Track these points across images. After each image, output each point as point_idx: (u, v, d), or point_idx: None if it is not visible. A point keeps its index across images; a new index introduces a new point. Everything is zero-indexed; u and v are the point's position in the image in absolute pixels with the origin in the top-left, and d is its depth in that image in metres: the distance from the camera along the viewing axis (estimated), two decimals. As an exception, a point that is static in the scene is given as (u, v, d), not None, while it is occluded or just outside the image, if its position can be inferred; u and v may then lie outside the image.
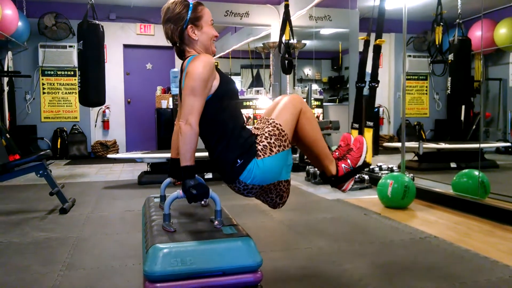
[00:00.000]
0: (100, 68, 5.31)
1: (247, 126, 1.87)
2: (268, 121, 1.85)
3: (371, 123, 2.31)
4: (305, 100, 6.51)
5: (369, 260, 2.46)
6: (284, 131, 1.82)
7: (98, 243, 2.84)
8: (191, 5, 1.82)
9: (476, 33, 6.06)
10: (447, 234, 2.88)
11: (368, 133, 2.26)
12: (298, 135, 1.95)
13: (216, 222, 1.69)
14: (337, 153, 2.13)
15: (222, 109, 1.76)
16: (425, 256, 2.51)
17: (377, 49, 2.45)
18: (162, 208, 1.95)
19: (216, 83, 1.74)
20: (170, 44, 1.90)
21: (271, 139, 1.79)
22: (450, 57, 5.40)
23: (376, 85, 2.43)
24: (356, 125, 2.42)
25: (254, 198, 1.95)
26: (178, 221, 1.80)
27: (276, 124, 1.83)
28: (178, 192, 1.65)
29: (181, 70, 1.83)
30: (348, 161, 2.04)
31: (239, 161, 1.75)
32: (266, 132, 1.81)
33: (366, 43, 2.55)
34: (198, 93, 1.64)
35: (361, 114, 2.49)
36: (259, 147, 1.78)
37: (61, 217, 3.51)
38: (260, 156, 1.76)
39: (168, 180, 2.08)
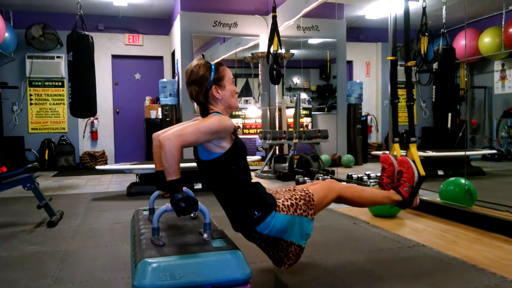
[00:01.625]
0: (91, 78, 5.31)
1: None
2: (303, 189, 2.03)
3: (414, 138, 2.53)
4: (293, 109, 6.55)
5: (359, 268, 2.47)
6: (313, 202, 1.99)
7: (87, 256, 2.82)
8: (213, 67, 1.91)
9: (461, 42, 6.16)
10: (434, 242, 2.91)
11: (413, 148, 2.47)
12: (353, 204, 2.22)
13: (205, 235, 1.70)
14: (385, 176, 2.37)
15: (232, 167, 1.87)
16: (413, 264, 2.53)
17: (408, 70, 2.68)
18: (151, 221, 1.95)
19: (227, 144, 1.84)
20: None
21: (299, 201, 1.96)
22: (435, 66, 5.48)
23: (413, 103, 2.67)
24: (397, 139, 2.65)
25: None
26: (167, 234, 1.80)
27: (309, 193, 2.01)
28: (167, 205, 1.66)
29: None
30: (406, 183, 2.29)
31: (256, 213, 1.87)
32: (298, 195, 1.98)
33: (394, 62, 2.80)
34: (197, 133, 1.71)
35: (397, 128, 2.77)
36: (286, 203, 1.93)
37: (49, 230, 3.48)
38: (283, 211, 1.90)
39: (156, 192, 2.09)
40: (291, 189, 2.04)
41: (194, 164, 5.06)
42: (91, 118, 8.16)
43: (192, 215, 2.09)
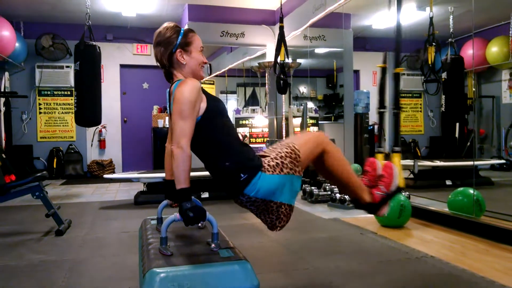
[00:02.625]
0: (97, 88, 5.34)
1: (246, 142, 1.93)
2: (288, 145, 1.89)
3: (398, 148, 2.41)
4: (300, 118, 6.56)
5: (366, 280, 2.46)
6: (300, 158, 1.87)
7: (95, 266, 2.83)
8: (182, 31, 1.89)
9: (468, 52, 6.15)
10: (443, 254, 2.89)
11: (397, 158, 2.35)
12: (328, 172, 2.01)
13: (213, 245, 1.70)
14: (366, 179, 2.21)
15: (213, 128, 1.81)
16: (422, 276, 2.51)
17: (396, 77, 2.59)
18: (159, 230, 1.95)
19: (203, 105, 1.79)
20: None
21: (285, 159, 1.84)
22: (444, 75, 5.47)
23: (398, 111, 2.56)
24: (381, 149, 2.53)
25: (250, 218, 1.97)
26: (175, 244, 1.81)
27: (295, 149, 1.87)
28: (175, 215, 1.66)
29: (169, 94, 1.90)
30: (382, 187, 2.11)
31: (242, 175, 1.78)
32: (283, 152, 1.85)
33: (384, 70, 2.72)
34: (187, 116, 1.69)
35: (382, 138, 2.65)
36: (272, 163, 1.82)
37: (57, 239, 3.50)
38: (269, 171, 1.81)
39: (165, 202, 2.09)
40: (277, 146, 1.91)
41: (201, 173, 5.06)
42: (99, 127, 8.21)
43: (200, 224, 2.09)
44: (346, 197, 4.51)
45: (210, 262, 1.56)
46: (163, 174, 5.15)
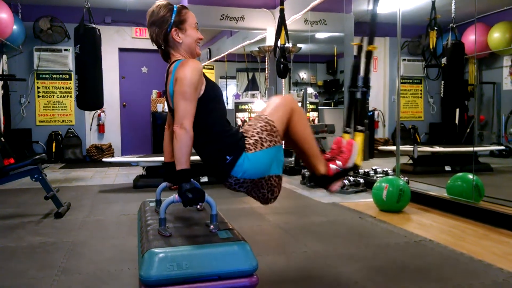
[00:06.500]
0: (98, 71, 5.30)
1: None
2: (261, 117, 1.88)
3: (362, 128, 2.31)
4: (300, 103, 6.54)
5: (365, 263, 2.47)
6: (275, 127, 1.85)
7: (94, 248, 2.83)
8: (175, 9, 1.85)
9: (470, 37, 6.10)
10: (441, 238, 2.90)
11: (359, 137, 2.26)
12: (289, 133, 1.96)
13: (212, 227, 1.70)
14: (328, 156, 2.16)
15: (208, 112, 1.80)
16: (420, 259, 2.52)
17: (369, 55, 2.46)
18: (157, 212, 1.95)
19: (203, 87, 1.77)
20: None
21: (262, 134, 1.82)
22: (444, 61, 5.43)
23: (367, 90, 2.44)
24: (348, 129, 2.44)
25: (250, 201, 1.97)
26: (174, 225, 1.80)
27: (269, 120, 1.86)
28: (174, 196, 1.66)
29: (167, 73, 1.85)
30: (338, 162, 2.05)
31: (228, 157, 1.77)
32: (258, 127, 1.84)
33: (359, 48, 2.57)
34: (190, 98, 1.68)
35: (352, 119, 2.51)
36: (251, 141, 1.80)
37: (56, 221, 3.50)
38: (251, 150, 1.79)
39: (163, 184, 2.09)
40: (252, 122, 1.89)
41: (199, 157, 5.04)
42: (98, 111, 8.18)
43: (198, 206, 2.09)
44: (345, 181, 4.51)
45: (209, 243, 1.56)
46: (162, 158, 5.13)
